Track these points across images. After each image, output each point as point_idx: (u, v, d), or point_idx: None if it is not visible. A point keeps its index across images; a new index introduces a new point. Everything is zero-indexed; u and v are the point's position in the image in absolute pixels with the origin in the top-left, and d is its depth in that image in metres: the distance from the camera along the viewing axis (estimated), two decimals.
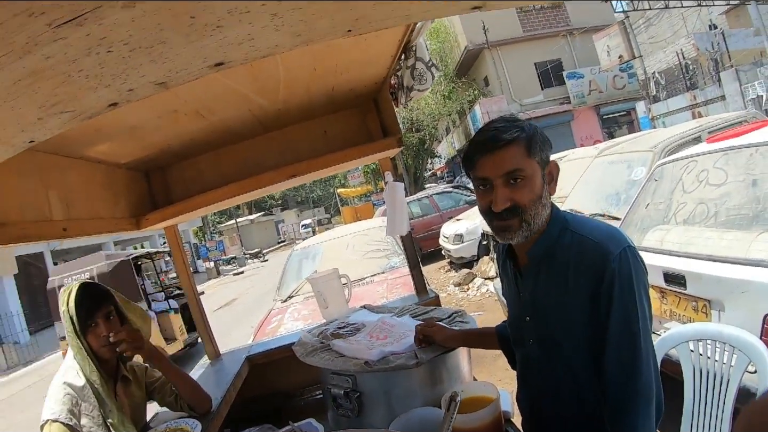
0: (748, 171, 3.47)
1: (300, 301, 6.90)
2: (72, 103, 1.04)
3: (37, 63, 0.84)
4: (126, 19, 0.80)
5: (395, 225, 3.27)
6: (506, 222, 1.62)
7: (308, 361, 2.33)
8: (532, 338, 1.76)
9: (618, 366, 1.53)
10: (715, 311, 3.18)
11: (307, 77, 2.32)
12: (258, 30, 0.96)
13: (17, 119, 1.03)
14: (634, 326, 1.51)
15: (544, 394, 1.78)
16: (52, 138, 1.21)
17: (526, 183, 1.59)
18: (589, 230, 1.62)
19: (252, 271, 32.82)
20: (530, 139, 1.60)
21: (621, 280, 1.50)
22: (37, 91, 0.93)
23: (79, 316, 2.21)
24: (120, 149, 2.54)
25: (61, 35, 0.79)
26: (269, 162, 3.05)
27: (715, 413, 2.45)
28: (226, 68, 1.08)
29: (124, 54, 0.90)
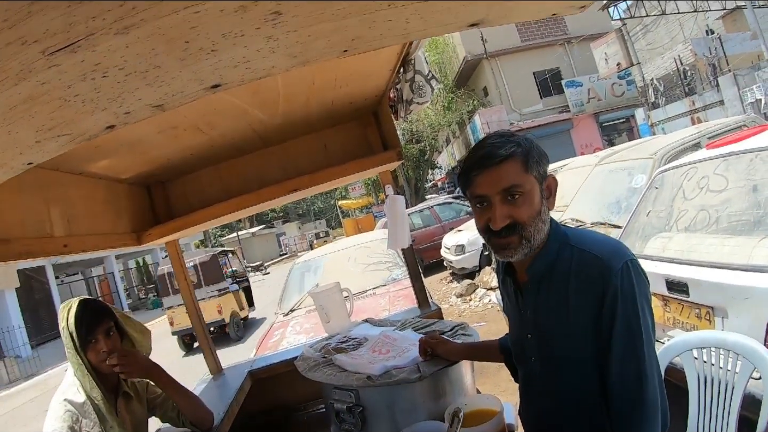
0: (749, 177, 3.46)
1: (302, 314, 6.89)
2: (69, 126, 1.04)
3: (33, 89, 0.85)
4: (120, 45, 0.80)
5: (396, 238, 3.28)
6: (506, 240, 1.59)
7: (311, 377, 2.33)
8: (534, 356, 1.73)
9: (622, 381, 1.51)
10: (718, 318, 3.17)
11: (306, 91, 2.32)
12: (253, 53, 0.96)
13: (15, 143, 1.04)
14: (637, 341, 1.49)
15: (548, 411, 1.75)
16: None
17: (525, 199, 1.56)
18: (590, 244, 1.60)
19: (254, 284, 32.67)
20: (527, 154, 1.57)
21: (624, 296, 1.48)
22: (34, 115, 0.94)
23: (79, 332, 2.20)
24: (120, 165, 2.55)
25: (55, 62, 0.79)
26: (270, 176, 3.06)
27: (721, 420, 2.43)
28: (223, 90, 1.08)
29: (120, 78, 0.90)
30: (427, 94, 2.63)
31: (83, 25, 0.73)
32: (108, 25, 0.75)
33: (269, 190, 2.89)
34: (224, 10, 0.83)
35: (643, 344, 1.49)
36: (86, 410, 2.18)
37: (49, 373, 18.12)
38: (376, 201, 37.77)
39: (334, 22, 0.95)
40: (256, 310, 17.31)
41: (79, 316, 2.21)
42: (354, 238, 10.25)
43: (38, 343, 23.10)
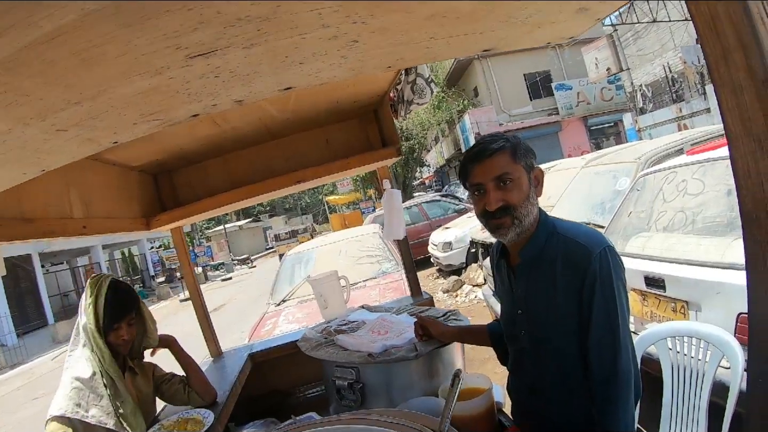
0: (724, 181, 3.65)
1: (294, 304, 7.01)
2: (165, 113, 1.23)
3: (161, 81, 1.05)
4: (240, 55, 1.03)
5: (392, 229, 3.43)
6: (500, 220, 1.81)
7: (314, 355, 2.48)
8: (524, 330, 1.93)
9: (600, 350, 1.72)
10: (692, 311, 3.37)
11: (317, 90, 2.48)
12: (326, 66, 1.20)
13: (118, 123, 1.22)
14: (613, 318, 1.70)
15: (536, 384, 1.95)
16: None
17: (515, 185, 1.80)
18: (574, 233, 1.82)
19: (240, 277, 32.72)
20: (515, 147, 1.83)
21: (602, 276, 1.70)
22: (148, 102, 1.14)
23: (106, 317, 2.30)
24: (135, 152, 2.69)
25: (190, 63, 1.00)
26: (275, 167, 3.21)
27: (693, 406, 2.61)
28: (291, 91, 1.28)
29: (226, 79, 1.12)
30: (427, 96, 2.79)
31: (226, 39, 0.95)
32: (241, 41, 0.97)
33: (274, 181, 3.05)
34: (321, 38, 1.06)
35: (618, 321, 1.71)
36: (95, 384, 2.25)
37: (35, 362, 18.05)
38: (363, 197, 37.76)
39: (390, 48, 1.22)
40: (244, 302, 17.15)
41: (109, 301, 2.31)
42: (344, 232, 10.35)
43: (24, 332, 22.90)
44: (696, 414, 2.59)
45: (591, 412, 1.78)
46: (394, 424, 1.49)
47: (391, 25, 1.11)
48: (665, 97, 24.22)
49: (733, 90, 0.89)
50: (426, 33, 1.21)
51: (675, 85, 23.67)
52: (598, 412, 1.73)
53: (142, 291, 33.04)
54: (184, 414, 2.52)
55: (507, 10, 1.20)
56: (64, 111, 1.05)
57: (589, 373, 1.75)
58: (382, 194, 3.49)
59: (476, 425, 1.89)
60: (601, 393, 1.72)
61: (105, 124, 1.19)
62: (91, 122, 1.15)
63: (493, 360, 2.34)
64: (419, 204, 18.19)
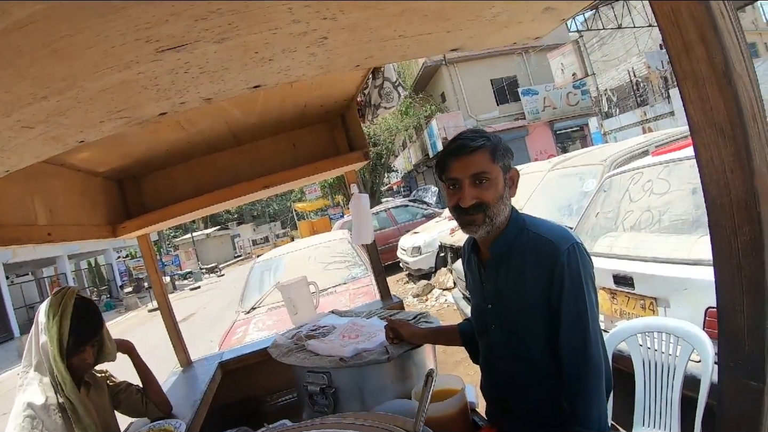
0: (689, 180, 3.75)
1: (264, 312, 6.93)
2: (133, 110, 1.20)
3: (129, 76, 1.02)
4: (211, 50, 1.01)
5: (361, 234, 3.43)
6: (472, 217, 1.84)
7: (285, 361, 2.45)
8: (494, 323, 1.95)
9: (570, 344, 1.74)
10: (661, 308, 3.44)
11: (283, 93, 2.46)
12: (296, 63, 1.19)
13: (84, 121, 1.19)
14: (583, 313, 1.73)
15: (507, 378, 1.97)
16: None
17: (491, 184, 1.82)
18: (543, 229, 1.85)
19: (209, 286, 32.37)
20: (495, 147, 1.84)
21: (570, 272, 1.73)
22: (115, 99, 1.11)
23: (72, 338, 2.15)
24: (100, 158, 2.63)
25: (160, 58, 0.98)
26: (241, 173, 3.17)
27: (665, 400, 2.67)
28: (260, 90, 1.27)
29: (195, 75, 1.10)
30: (394, 100, 2.80)
31: (196, 32, 0.93)
32: (212, 35, 0.96)
33: (241, 187, 3.01)
34: (292, 33, 1.05)
35: (587, 315, 1.74)
36: (49, 411, 2.09)
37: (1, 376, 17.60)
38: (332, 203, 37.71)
39: (359, 46, 1.22)
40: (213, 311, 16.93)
41: (75, 322, 2.17)
42: (313, 238, 10.31)
43: None
44: (669, 408, 2.64)
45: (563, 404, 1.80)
46: (368, 427, 1.48)
47: (360, 21, 1.11)
48: (630, 102, 24.70)
49: (695, 82, 0.91)
50: (395, 31, 1.22)
51: (639, 90, 24.15)
52: (570, 406, 1.75)
53: (110, 302, 32.46)
54: (154, 425, 2.46)
55: (474, 8, 1.21)
56: (30, 106, 1.02)
57: (560, 368, 1.78)
58: (350, 199, 3.48)
59: (450, 426, 1.88)
60: (573, 387, 1.75)
61: (71, 122, 1.17)
62: (58, 119, 1.13)
63: (466, 362, 2.35)
64: (388, 209, 18.19)
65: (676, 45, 0.93)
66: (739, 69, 0.88)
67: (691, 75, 0.91)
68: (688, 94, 0.92)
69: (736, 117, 0.87)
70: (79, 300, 2.26)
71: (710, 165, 0.93)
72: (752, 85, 0.88)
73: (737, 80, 0.87)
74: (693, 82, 0.91)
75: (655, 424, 2.68)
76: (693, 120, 0.93)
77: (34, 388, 2.13)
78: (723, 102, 0.88)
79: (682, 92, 0.93)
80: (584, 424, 1.72)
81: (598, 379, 1.74)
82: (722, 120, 0.89)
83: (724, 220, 0.94)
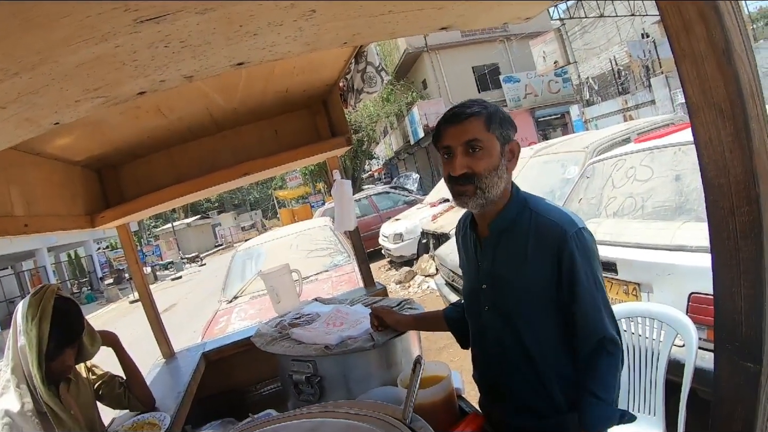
0: (672, 167, 3.77)
1: (246, 300, 6.91)
2: (110, 88, 1.13)
3: (106, 50, 0.95)
4: (193, 22, 0.94)
5: (343, 220, 3.40)
6: (462, 187, 1.78)
7: (269, 350, 2.41)
8: (488, 305, 1.91)
9: (587, 326, 1.73)
10: (644, 293, 3.45)
11: (266, 78, 2.41)
12: (282, 39, 1.13)
13: (59, 100, 1.12)
14: (596, 293, 1.73)
15: (497, 362, 1.94)
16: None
17: (484, 153, 1.75)
18: (547, 211, 1.81)
19: (190, 276, 32.20)
20: (490, 115, 1.77)
21: (581, 257, 1.71)
22: (91, 75, 1.03)
23: (53, 341, 2.07)
24: (78, 146, 2.56)
25: (139, 29, 0.91)
26: (222, 160, 3.12)
27: (650, 385, 2.69)
28: (244, 68, 1.22)
29: (176, 50, 1.03)
30: (377, 84, 2.76)
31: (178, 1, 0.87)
32: (195, 5, 0.89)
33: (221, 174, 2.96)
34: (278, 6, 0.99)
35: (601, 293, 1.74)
36: (26, 418, 2.02)
37: None
38: (313, 191, 37.60)
39: (347, 21, 1.15)
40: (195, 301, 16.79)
41: (56, 325, 2.08)
42: (295, 226, 10.25)
43: None
44: (653, 392, 2.65)
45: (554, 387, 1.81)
46: (356, 415, 1.46)
47: None
48: (611, 90, 24.86)
49: (694, 61, 0.89)
50: (384, 6, 1.17)
51: (621, 78, 24.25)
52: (588, 382, 1.74)
53: (91, 294, 32.17)
54: (139, 419, 2.42)
55: None
56: (1, 83, 0.96)
57: (578, 349, 1.77)
58: (332, 185, 3.45)
59: (437, 412, 1.87)
60: (593, 364, 1.75)
61: (45, 101, 1.10)
62: (30, 98, 1.06)
63: (450, 348, 2.34)
64: (369, 196, 18.15)
65: (675, 24, 0.91)
66: (739, 49, 0.86)
67: (690, 54, 0.89)
68: (686, 74, 0.90)
69: (736, 96, 0.85)
70: (59, 301, 2.15)
71: (709, 145, 0.91)
72: (751, 66, 0.87)
73: (737, 60, 0.85)
74: (692, 61, 0.89)
75: (640, 409, 2.70)
76: (691, 100, 0.91)
77: (11, 394, 2.05)
78: (723, 81, 0.87)
79: (680, 71, 0.91)
80: (603, 399, 1.71)
81: (618, 355, 1.75)
82: (721, 99, 0.88)
83: (722, 201, 0.92)
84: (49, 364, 2.08)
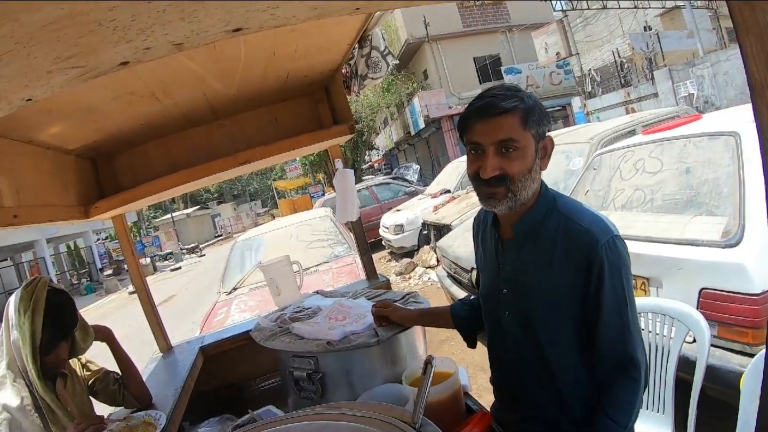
0: (682, 160, 3.68)
1: (245, 292, 6.81)
2: (87, 57, 1.00)
3: (77, 6, 0.82)
4: None
5: (346, 211, 3.32)
6: (493, 190, 1.63)
7: (269, 345, 2.33)
8: (509, 311, 1.80)
9: (611, 343, 1.61)
10: (653, 288, 3.37)
11: (265, 61, 2.31)
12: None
13: (28, 70, 0.99)
14: (623, 308, 1.60)
15: (517, 370, 1.84)
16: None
17: (519, 154, 1.60)
18: (578, 215, 1.67)
19: (189, 267, 32.23)
20: (528, 111, 1.60)
21: (610, 268, 1.56)
22: (61, 38, 0.89)
23: (46, 335, 2.04)
24: (70, 133, 2.46)
25: None
26: (220, 149, 3.02)
27: (659, 382, 2.61)
28: (242, 35, 1.08)
29: (161, 8, 0.88)
30: (382, 70, 2.67)
31: None
32: None
33: (218, 163, 2.85)
34: None
35: (628, 310, 1.61)
36: (26, 412, 2.00)
37: None
38: (313, 181, 37.54)
39: None
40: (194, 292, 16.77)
41: (49, 318, 2.05)
42: (294, 216, 10.18)
43: None
44: (663, 390, 2.58)
45: (573, 399, 1.71)
46: (363, 418, 1.38)
47: None
48: (613, 82, 24.74)
49: (758, 35, 0.78)
50: None
51: (623, 71, 24.15)
52: (605, 401, 1.64)
53: (90, 285, 32.19)
54: (133, 417, 2.34)
55: None
56: None
57: (598, 366, 1.66)
58: (334, 174, 3.36)
59: (443, 411, 1.79)
60: (610, 383, 1.64)
61: (12, 71, 0.98)
62: None
63: (450, 341, 2.26)
64: (369, 187, 18.12)
65: None
66: None
67: (754, 27, 0.78)
68: (750, 48, 0.80)
69: None
70: (51, 293, 2.11)
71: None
72: None
73: None
74: (756, 35, 0.78)
75: (649, 407, 2.63)
76: (754, 77, 0.81)
77: (8, 389, 2.01)
78: None
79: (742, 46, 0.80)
80: (617, 422, 1.60)
81: (638, 375, 1.62)
82: None
83: None
84: (43, 358, 2.04)
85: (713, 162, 3.44)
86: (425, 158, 31.61)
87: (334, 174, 3.38)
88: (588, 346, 1.67)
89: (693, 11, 22.13)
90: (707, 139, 3.61)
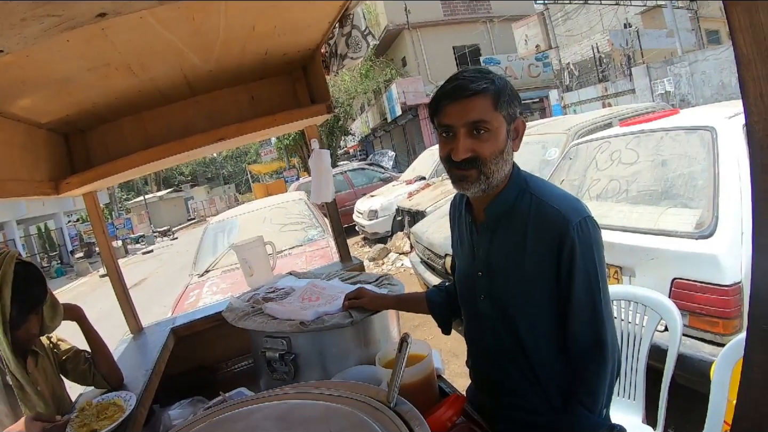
0: (658, 152, 3.73)
1: (218, 274, 6.79)
2: (64, 5, 0.95)
3: None
4: None
5: (321, 192, 3.29)
6: (465, 172, 1.62)
7: (241, 325, 2.31)
8: (484, 294, 1.79)
9: (581, 325, 1.61)
10: (626, 277, 3.42)
11: (245, 36, 2.26)
12: None
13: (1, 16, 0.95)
14: (595, 290, 1.60)
15: (492, 354, 1.83)
16: None
17: (490, 136, 1.59)
18: (549, 196, 1.66)
19: (161, 250, 31.94)
20: (499, 92, 1.59)
21: (582, 249, 1.56)
22: None
23: (16, 309, 1.99)
24: (43, 106, 2.37)
25: None
26: (196, 126, 2.97)
27: (630, 370, 2.64)
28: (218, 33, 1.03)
29: None
30: (363, 50, 2.64)
31: None
32: None
33: (194, 139, 2.78)
34: None
35: (600, 292, 1.60)
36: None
37: None
38: (287, 166, 37.32)
39: None
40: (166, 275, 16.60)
41: (18, 290, 2.00)
42: (269, 199, 10.12)
43: None
44: (634, 377, 2.61)
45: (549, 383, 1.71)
46: (337, 397, 1.36)
47: None
48: (591, 77, 24.99)
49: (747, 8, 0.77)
50: None
51: (601, 66, 24.38)
52: (576, 386, 1.65)
53: (60, 268, 31.72)
54: (103, 398, 2.28)
55: None
56: None
57: (570, 348, 1.66)
58: (310, 155, 3.33)
59: (417, 393, 1.77)
60: (581, 370, 1.64)
61: None
62: None
63: (424, 326, 2.26)
64: (344, 172, 18.09)
65: None
66: None
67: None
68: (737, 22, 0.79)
69: None
70: (19, 265, 2.06)
71: (759, 102, 0.80)
72: None
73: None
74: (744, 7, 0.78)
75: (620, 393, 2.66)
76: (741, 50, 0.80)
77: None
78: None
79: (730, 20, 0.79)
80: (588, 407, 1.61)
81: (609, 358, 1.62)
82: None
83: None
84: (14, 332, 2.00)
85: (689, 155, 3.48)
86: (401, 145, 31.60)
87: (309, 156, 3.34)
88: (562, 328, 1.67)
89: (674, 11, 22.38)
90: (684, 132, 3.66)
